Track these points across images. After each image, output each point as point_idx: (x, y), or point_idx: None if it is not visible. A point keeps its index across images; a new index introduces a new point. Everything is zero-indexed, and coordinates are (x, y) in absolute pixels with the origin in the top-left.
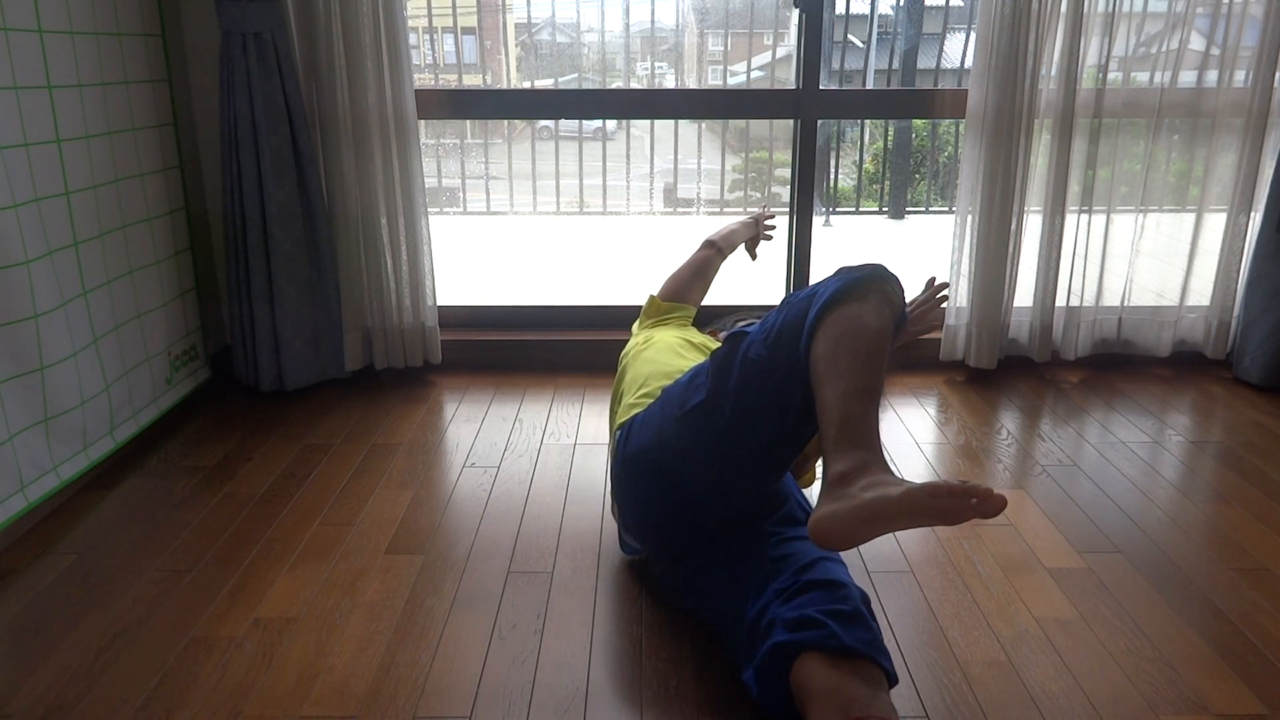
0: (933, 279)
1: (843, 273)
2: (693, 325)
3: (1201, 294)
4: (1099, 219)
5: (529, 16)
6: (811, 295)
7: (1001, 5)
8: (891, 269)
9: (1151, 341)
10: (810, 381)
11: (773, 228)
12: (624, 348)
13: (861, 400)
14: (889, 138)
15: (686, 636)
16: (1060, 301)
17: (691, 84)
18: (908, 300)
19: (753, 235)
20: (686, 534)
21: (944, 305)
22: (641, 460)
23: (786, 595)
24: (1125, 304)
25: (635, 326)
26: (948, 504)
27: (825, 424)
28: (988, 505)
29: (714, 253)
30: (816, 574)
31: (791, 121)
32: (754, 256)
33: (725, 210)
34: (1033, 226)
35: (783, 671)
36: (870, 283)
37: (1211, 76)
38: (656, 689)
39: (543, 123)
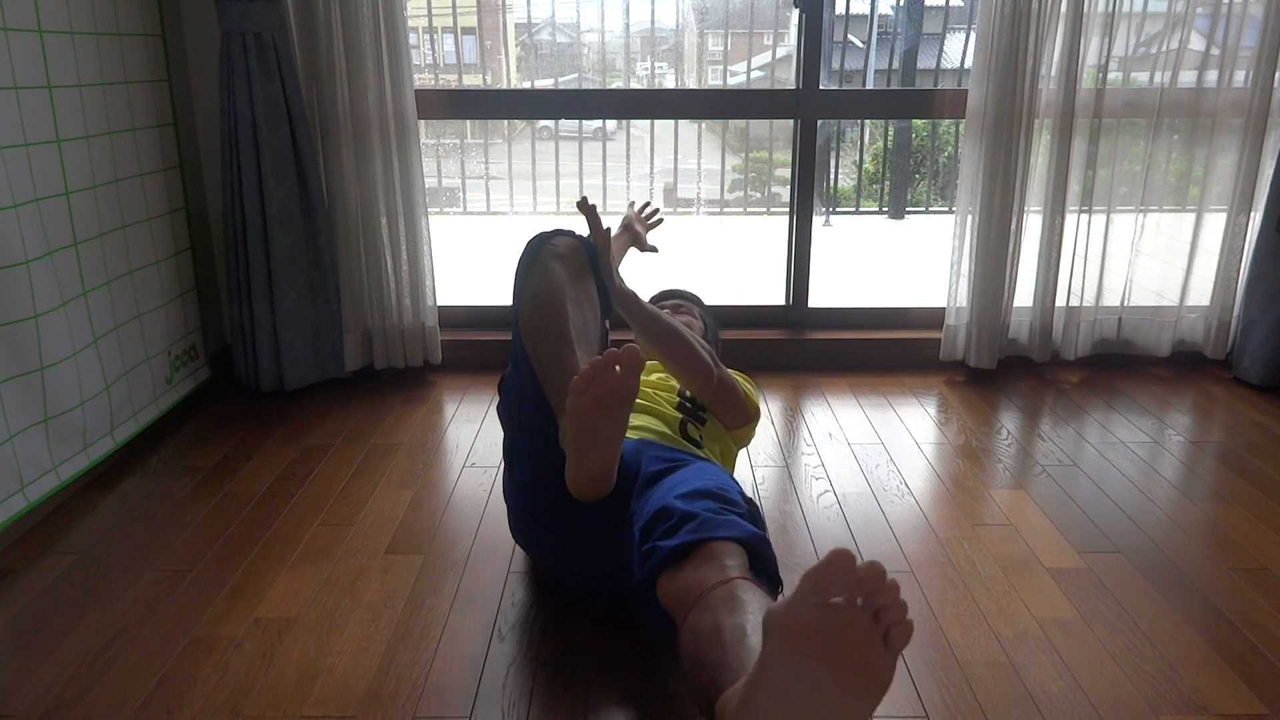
0: (580, 200)
1: (518, 264)
2: None
3: (1201, 294)
4: (1099, 219)
5: (529, 16)
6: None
7: (1001, 5)
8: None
9: (1151, 341)
10: None
11: (652, 214)
12: None
13: (556, 355)
14: (889, 138)
15: None
16: (1060, 301)
17: (691, 84)
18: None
19: (632, 239)
20: (587, 556)
21: (596, 215)
22: (517, 529)
23: (638, 550)
24: (1125, 304)
25: None
26: (599, 389)
27: (549, 397)
28: (627, 365)
29: None
30: (646, 514)
31: (791, 121)
32: (654, 249)
33: (725, 210)
34: (1033, 226)
35: (659, 611)
36: (534, 258)
37: (1211, 76)
38: (656, 690)
39: (543, 123)
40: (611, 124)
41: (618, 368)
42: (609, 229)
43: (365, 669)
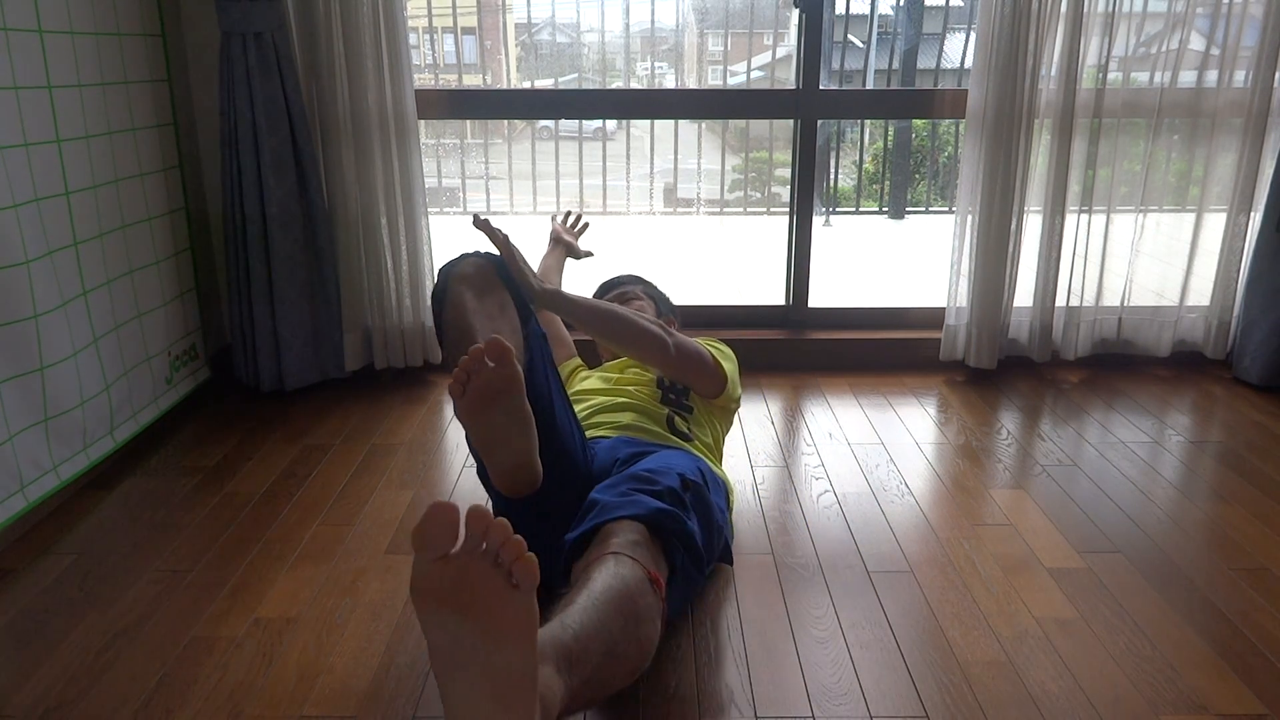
0: (473, 218)
1: (432, 298)
2: (582, 362)
3: (1201, 294)
4: (1099, 219)
5: (529, 16)
6: None
7: (1001, 5)
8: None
9: (1151, 341)
10: None
11: (575, 224)
12: None
13: (451, 356)
14: (889, 138)
15: (686, 635)
16: (1060, 301)
17: (691, 84)
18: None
19: (566, 250)
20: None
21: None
22: None
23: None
24: (1125, 304)
25: None
26: (476, 386)
27: None
28: (494, 356)
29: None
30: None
31: (791, 121)
32: (589, 254)
33: (725, 210)
34: (1033, 226)
35: None
36: (444, 289)
37: (1211, 76)
38: (656, 688)
39: (543, 123)
40: (611, 124)
41: (489, 361)
42: (505, 236)
43: (365, 669)
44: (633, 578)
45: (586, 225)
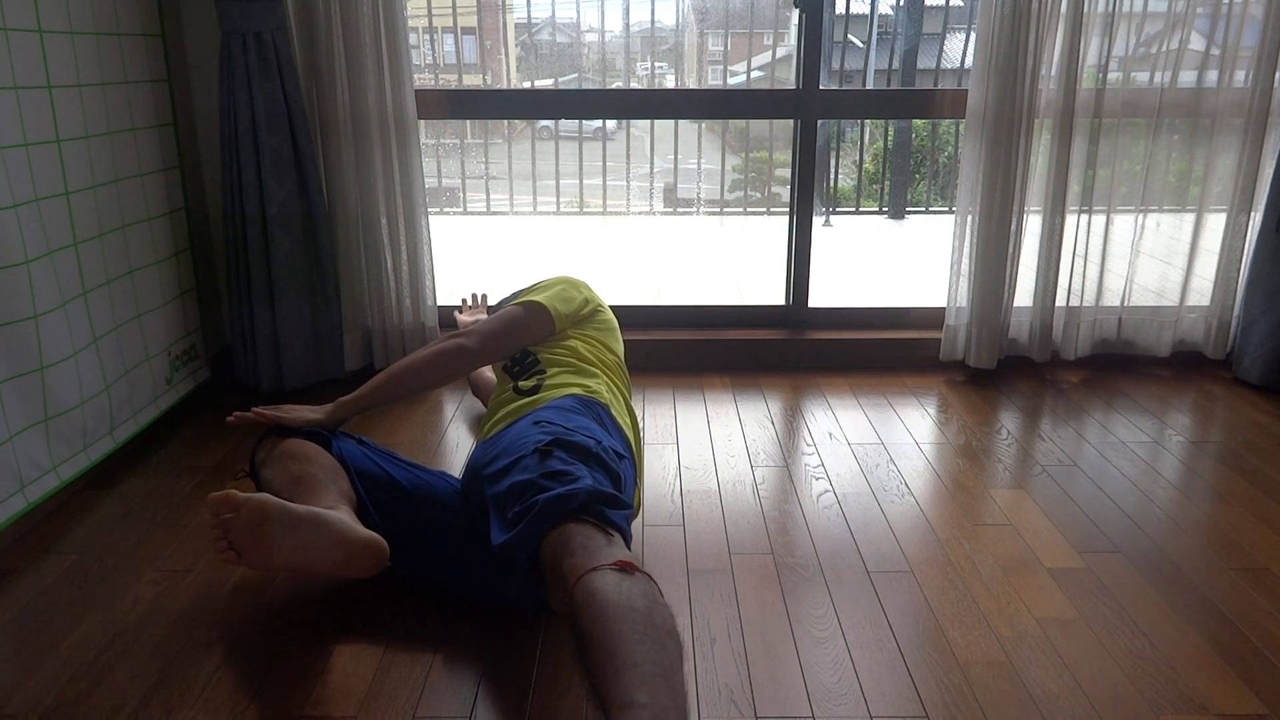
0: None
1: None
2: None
3: (1201, 294)
4: (1099, 219)
5: (529, 16)
6: None
7: (1001, 5)
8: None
9: (1151, 341)
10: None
11: (475, 302)
12: None
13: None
14: (889, 138)
15: (686, 636)
16: (1060, 301)
17: (691, 84)
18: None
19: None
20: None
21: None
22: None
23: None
24: (1125, 304)
25: None
26: (239, 539)
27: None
28: (229, 508)
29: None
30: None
31: (791, 121)
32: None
33: (725, 210)
34: (1033, 226)
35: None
36: (258, 485)
37: (1211, 76)
38: None
39: (543, 123)
40: (611, 124)
41: (227, 514)
42: (266, 411)
43: (365, 669)
44: (618, 594)
45: (485, 296)
